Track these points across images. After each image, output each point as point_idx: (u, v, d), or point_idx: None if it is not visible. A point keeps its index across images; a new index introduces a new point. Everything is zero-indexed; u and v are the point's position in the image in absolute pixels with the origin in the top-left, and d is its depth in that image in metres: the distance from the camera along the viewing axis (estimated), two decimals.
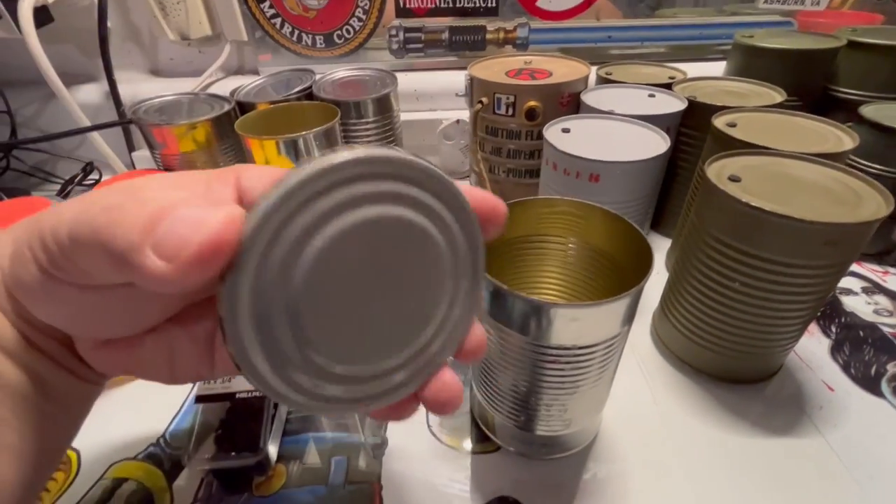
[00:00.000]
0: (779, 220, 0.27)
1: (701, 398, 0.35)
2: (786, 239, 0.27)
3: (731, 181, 0.31)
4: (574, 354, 0.24)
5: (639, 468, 0.31)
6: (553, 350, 0.24)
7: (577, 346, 0.23)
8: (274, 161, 0.44)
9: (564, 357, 0.24)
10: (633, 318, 0.25)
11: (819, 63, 0.49)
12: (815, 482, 0.30)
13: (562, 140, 0.39)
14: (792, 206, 0.27)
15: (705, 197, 0.31)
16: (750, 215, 0.28)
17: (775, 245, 0.28)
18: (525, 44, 0.63)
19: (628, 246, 0.27)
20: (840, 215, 0.27)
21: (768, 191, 0.30)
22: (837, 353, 0.38)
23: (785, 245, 0.28)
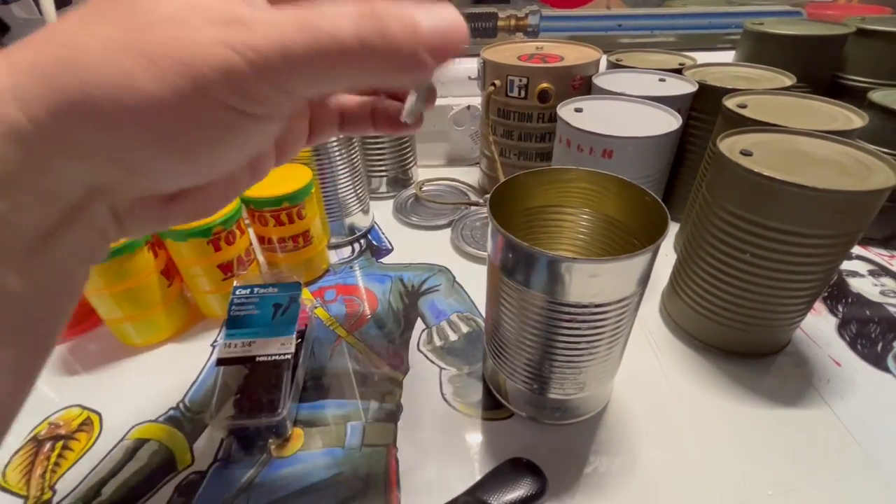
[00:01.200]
0: (791, 188, 0.27)
1: (710, 372, 0.36)
2: (798, 208, 0.28)
3: (744, 155, 0.32)
4: (591, 313, 0.24)
5: (649, 437, 0.32)
6: (571, 308, 0.24)
7: (595, 303, 0.24)
8: None
9: (581, 315, 0.25)
10: (647, 280, 0.25)
11: (828, 50, 0.50)
12: (823, 451, 0.30)
13: (575, 118, 0.39)
14: (803, 177, 0.28)
15: (717, 171, 0.32)
16: (762, 186, 0.28)
17: (787, 214, 0.28)
18: (536, 31, 0.63)
19: (642, 213, 0.28)
20: (850, 185, 0.27)
21: (779, 164, 0.30)
22: (844, 331, 0.39)
23: (797, 214, 0.28)
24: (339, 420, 0.33)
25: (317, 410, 0.34)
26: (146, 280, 0.37)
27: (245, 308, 0.34)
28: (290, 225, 0.42)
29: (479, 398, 0.34)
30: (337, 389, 0.36)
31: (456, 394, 0.35)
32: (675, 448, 0.31)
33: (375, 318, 0.42)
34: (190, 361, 0.38)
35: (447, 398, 0.35)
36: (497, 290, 0.27)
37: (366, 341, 0.40)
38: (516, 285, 0.25)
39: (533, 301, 0.25)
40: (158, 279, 0.38)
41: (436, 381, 0.36)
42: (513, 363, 0.30)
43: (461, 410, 0.34)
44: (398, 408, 0.34)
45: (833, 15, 0.64)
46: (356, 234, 0.52)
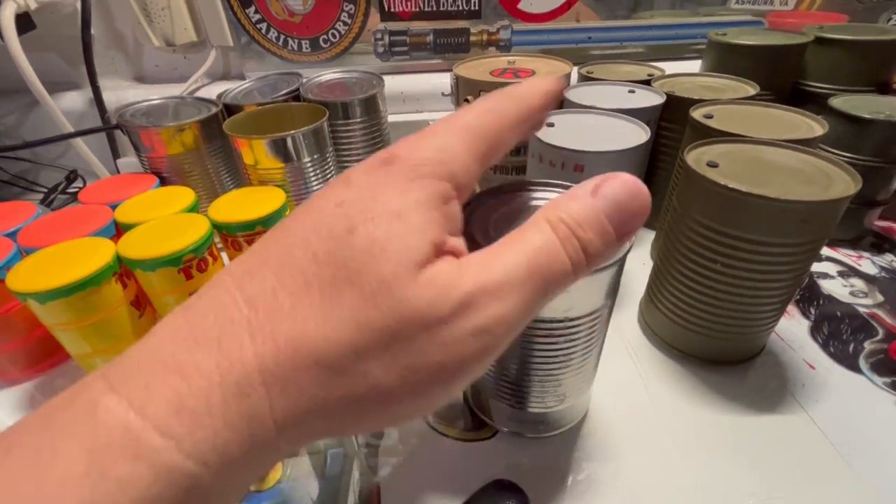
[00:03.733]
0: (756, 200, 0.28)
1: (688, 380, 0.36)
2: (763, 218, 0.28)
3: (710, 167, 0.32)
4: (566, 327, 0.25)
5: (630, 447, 0.32)
6: (546, 323, 0.24)
7: (568, 318, 0.24)
8: (263, 161, 0.44)
9: (557, 330, 0.25)
10: (616, 290, 0.26)
11: (788, 58, 0.51)
12: (799, 455, 0.31)
13: (546, 133, 0.40)
14: (767, 187, 0.28)
15: (686, 183, 0.33)
16: (729, 197, 0.29)
17: (753, 225, 0.29)
18: (508, 45, 0.64)
19: None
20: (812, 194, 0.28)
21: (745, 174, 0.31)
22: (817, 333, 0.40)
23: (762, 224, 0.29)
24: (319, 449, 0.33)
25: None
26: (115, 312, 0.36)
27: None
28: None
29: (461, 420, 0.34)
30: None
31: (439, 417, 0.35)
32: (656, 457, 0.31)
33: None
34: None
35: (429, 422, 0.34)
36: None
37: None
38: None
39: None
40: (128, 310, 0.37)
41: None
42: (493, 381, 0.29)
43: (444, 433, 0.33)
44: (380, 434, 0.33)
45: (794, 23, 0.66)
46: None
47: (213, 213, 0.40)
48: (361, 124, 0.54)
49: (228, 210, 0.41)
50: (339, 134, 0.54)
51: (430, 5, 0.61)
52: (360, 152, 0.56)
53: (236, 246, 0.40)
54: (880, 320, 0.40)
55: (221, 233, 0.40)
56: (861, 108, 0.44)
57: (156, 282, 0.36)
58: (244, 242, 0.40)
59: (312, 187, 0.47)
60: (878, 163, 0.45)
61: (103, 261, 0.34)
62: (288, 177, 0.45)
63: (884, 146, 0.44)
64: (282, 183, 0.45)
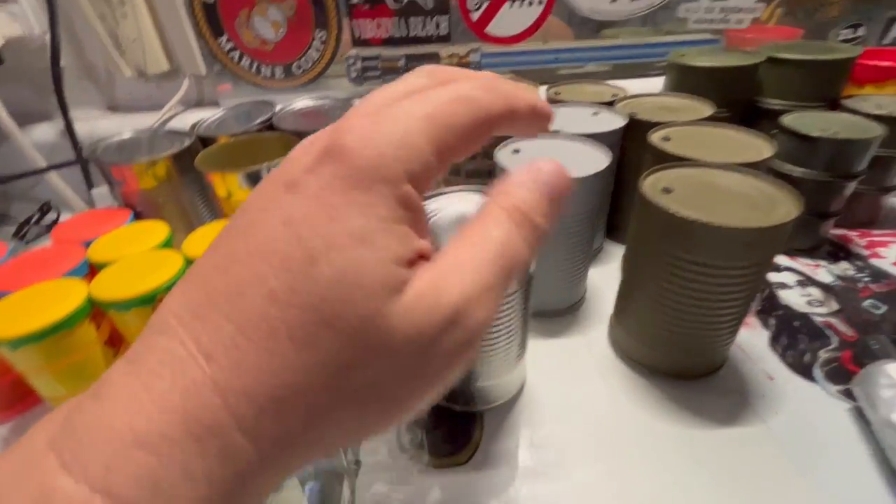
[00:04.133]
0: (702, 227, 0.29)
1: (652, 394, 0.37)
2: (710, 243, 0.30)
3: (665, 192, 0.34)
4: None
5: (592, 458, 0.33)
6: None
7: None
8: (237, 194, 0.45)
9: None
10: (526, 279, 0.30)
11: (743, 78, 0.54)
12: (755, 467, 0.32)
13: (513, 160, 0.41)
14: (715, 213, 0.30)
15: (641, 208, 0.34)
16: (679, 224, 0.31)
17: (702, 249, 0.31)
18: (479, 67, 0.66)
19: None
20: (756, 219, 0.30)
21: (696, 199, 0.33)
22: (776, 344, 0.41)
23: (710, 249, 0.30)
24: (295, 484, 0.33)
25: None
26: (89, 353, 0.36)
27: None
28: None
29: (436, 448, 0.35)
30: None
31: (413, 443, 0.35)
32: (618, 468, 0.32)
33: None
34: None
35: (404, 447, 0.35)
36: None
37: None
38: None
39: None
40: (103, 350, 0.37)
41: (394, 430, 0.36)
42: None
43: (419, 459, 0.34)
44: (358, 464, 0.34)
45: (752, 39, 0.69)
46: None
47: (186, 248, 0.40)
48: None
49: (203, 244, 0.41)
50: None
51: (401, 31, 0.62)
52: None
53: None
54: (835, 329, 0.42)
55: None
56: (810, 126, 0.47)
57: (130, 321, 0.36)
58: None
59: None
60: (829, 177, 0.47)
61: (75, 303, 0.34)
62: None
63: (832, 162, 0.46)
64: None
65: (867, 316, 0.44)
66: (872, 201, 0.55)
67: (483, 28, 0.63)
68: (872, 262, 0.50)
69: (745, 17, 0.65)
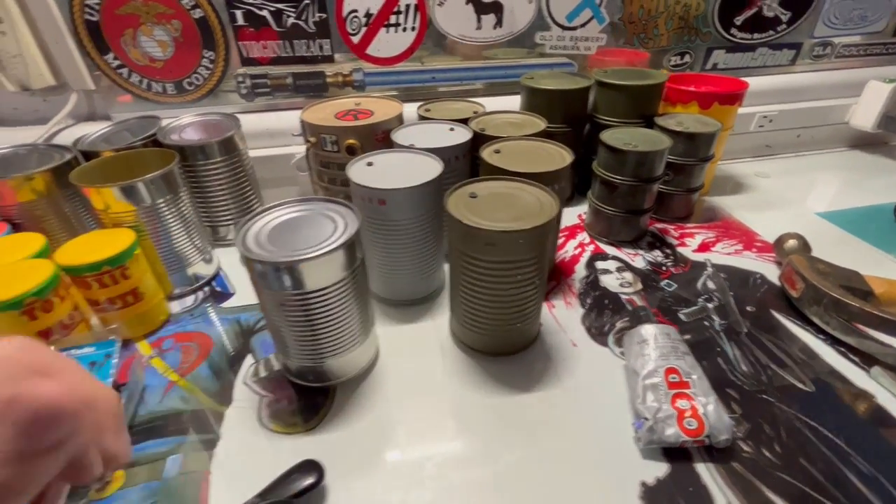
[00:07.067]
0: (478, 231, 0.37)
1: (475, 370, 0.45)
2: (488, 244, 0.38)
3: (472, 198, 0.42)
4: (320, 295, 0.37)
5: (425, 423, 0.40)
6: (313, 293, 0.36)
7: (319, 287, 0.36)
8: (114, 206, 0.48)
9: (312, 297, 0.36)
10: (352, 266, 0.38)
11: (577, 99, 0.64)
12: (550, 421, 0.40)
13: (363, 172, 0.48)
14: (497, 218, 0.38)
15: (447, 217, 0.41)
16: (465, 229, 0.38)
17: (483, 248, 0.38)
18: (363, 85, 0.72)
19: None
20: (524, 223, 0.38)
21: (489, 207, 0.41)
22: (586, 318, 0.51)
23: (488, 248, 0.38)
24: (159, 456, 0.38)
25: (140, 451, 0.38)
26: None
27: None
28: (115, 286, 0.45)
29: (291, 419, 0.41)
30: (163, 429, 0.40)
31: (272, 416, 0.41)
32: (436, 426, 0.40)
33: (208, 360, 0.47)
34: None
35: (263, 422, 0.41)
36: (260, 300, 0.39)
37: (196, 382, 0.44)
38: (272, 291, 0.37)
39: (283, 298, 0.37)
40: None
41: (255, 408, 0.42)
42: (288, 347, 0.40)
43: (275, 430, 0.40)
44: (217, 437, 0.39)
45: (608, 60, 0.80)
46: (199, 283, 0.57)
47: (59, 257, 0.44)
48: (222, 163, 0.59)
49: (76, 253, 0.45)
50: (201, 173, 0.59)
51: (286, 51, 0.67)
52: (224, 188, 0.61)
53: (85, 285, 0.44)
54: (633, 303, 0.53)
55: (70, 274, 0.44)
56: (618, 140, 0.57)
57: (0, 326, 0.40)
58: (93, 281, 0.44)
59: (168, 222, 0.51)
60: (635, 181, 0.58)
61: None
62: (142, 217, 0.50)
63: (636, 169, 0.57)
64: (136, 224, 0.49)
65: (660, 293, 0.54)
66: (684, 200, 0.67)
67: (364, 49, 0.70)
68: (679, 250, 0.62)
69: (592, 45, 0.76)
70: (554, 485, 0.36)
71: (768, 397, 0.42)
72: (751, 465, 0.36)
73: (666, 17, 0.75)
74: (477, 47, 0.73)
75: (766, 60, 0.83)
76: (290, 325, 0.39)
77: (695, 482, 0.35)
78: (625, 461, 0.37)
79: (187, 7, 0.62)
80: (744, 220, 0.68)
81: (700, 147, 0.62)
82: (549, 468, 0.37)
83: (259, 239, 0.37)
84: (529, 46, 0.75)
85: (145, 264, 0.49)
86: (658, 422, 0.36)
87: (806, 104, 0.85)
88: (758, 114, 0.82)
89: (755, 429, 0.39)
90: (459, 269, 0.42)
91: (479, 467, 0.37)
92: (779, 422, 0.39)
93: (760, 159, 0.87)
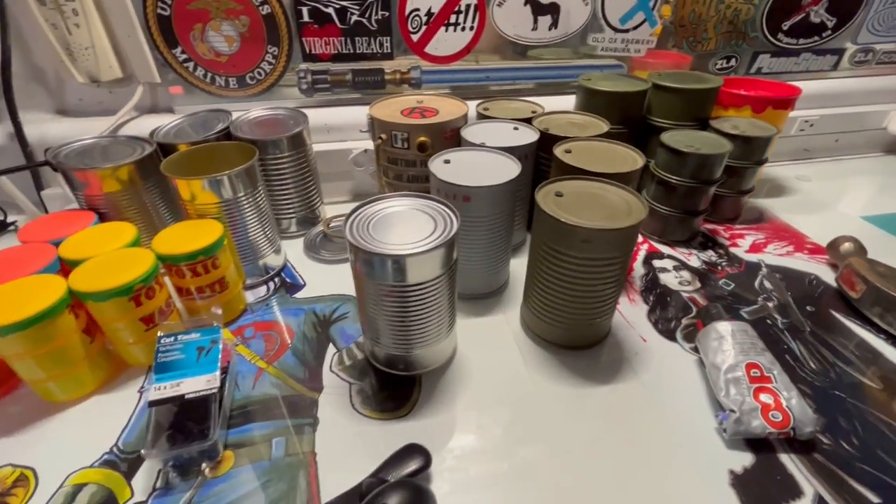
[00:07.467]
0: (573, 228, 0.39)
1: (551, 362, 0.47)
2: (580, 240, 0.40)
3: (557, 195, 0.44)
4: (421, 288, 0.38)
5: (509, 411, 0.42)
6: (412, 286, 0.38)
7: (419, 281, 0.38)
8: (200, 197, 0.50)
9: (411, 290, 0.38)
10: (449, 264, 0.39)
11: (634, 101, 0.65)
12: (631, 411, 0.42)
13: (443, 169, 0.49)
14: (587, 216, 0.40)
15: (536, 212, 0.43)
16: (559, 226, 0.40)
17: (575, 245, 0.40)
18: (419, 83, 0.74)
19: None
20: (615, 222, 0.39)
21: (578, 205, 0.42)
22: (651, 315, 0.53)
23: (580, 245, 0.40)
24: (264, 438, 0.40)
25: (244, 433, 0.40)
26: (68, 340, 0.40)
27: (171, 354, 0.40)
28: (206, 275, 0.47)
29: (382, 404, 0.43)
30: (261, 414, 0.42)
31: (363, 403, 0.43)
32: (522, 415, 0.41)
33: (292, 349, 0.48)
34: (118, 409, 0.42)
35: (356, 407, 0.43)
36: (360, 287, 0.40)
37: (284, 369, 0.46)
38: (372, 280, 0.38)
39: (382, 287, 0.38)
40: (81, 338, 0.41)
41: (346, 395, 0.44)
42: (379, 336, 0.42)
43: (368, 415, 0.42)
44: (316, 421, 0.41)
45: (651, 63, 0.82)
46: (270, 274, 0.58)
47: (156, 245, 0.45)
48: (290, 158, 0.61)
49: (171, 242, 0.46)
50: (270, 166, 0.60)
51: (347, 48, 0.69)
52: (289, 182, 0.62)
53: (180, 274, 0.46)
54: (696, 302, 0.55)
55: (166, 263, 0.46)
56: (680, 143, 0.59)
57: (107, 310, 0.41)
58: (187, 270, 0.46)
59: (246, 214, 0.53)
60: (694, 183, 0.59)
61: (57, 295, 0.39)
62: (223, 210, 0.51)
63: (696, 171, 0.58)
64: (218, 215, 0.51)
65: (719, 291, 0.56)
66: (734, 202, 0.69)
67: (423, 48, 0.71)
68: (731, 251, 0.64)
69: (643, 47, 0.77)
70: (646, 470, 0.37)
71: (840, 393, 0.43)
72: (832, 457, 0.38)
73: (716, 20, 0.77)
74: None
75: (808, 65, 0.85)
76: (386, 314, 0.40)
77: (781, 471, 0.37)
78: (710, 450, 0.39)
79: (256, 3, 0.63)
80: (791, 223, 0.70)
81: (755, 150, 0.63)
82: (639, 455, 0.39)
83: (361, 230, 0.39)
84: (577, 47, 0.76)
85: (229, 255, 0.50)
86: (744, 414, 0.38)
87: (845, 109, 0.86)
88: (799, 118, 0.84)
89: (832, 422, 0.41)
90: (544, 264, 0.44)
91: (570, 455, 0.39)
92: (853, 416, 0.41)
93: (798, 163, 0.89)
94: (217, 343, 0.41)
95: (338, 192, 0.75)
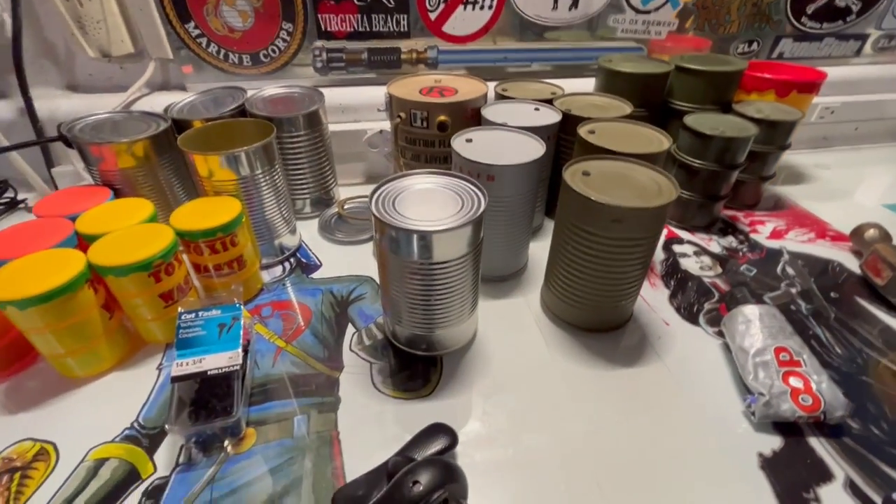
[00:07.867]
0: (603, 207, 0.38)
1: (573, 344, 0.46)
2: (609, 220, 0.39)
3: (584, 175, 0.43)
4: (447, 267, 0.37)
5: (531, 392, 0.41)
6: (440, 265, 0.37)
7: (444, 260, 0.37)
8: (218, 174, 0.49)
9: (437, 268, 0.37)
10: (475, 243, 0.38)
11: (657, 83, 0.64)
12: (656, 394, 0.42)
13: (465, 148, 0.48)
14: (616, 196, 0.39)
15: (563, 191, 0.42)
16: (588, 204, 0.39)
17: (604, 225, 0.39)
18: (435, 63, 0.72)
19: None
20: (644, 202, 0.38)
21: (606, 184, 0.41)
22: (673, 299, 0.52)
23: (610, 224, 0.39)
24: (286, 416, 0.39)
25: (266, 411, 0.40)
26: (88, 315, 0.40)
27: (192, 330, 0.39)
28: (224, 252, 0.46)
29: (403, 384, 0.42)
30: (282, 392, 0.41)
31: (384, 382, 0.42)
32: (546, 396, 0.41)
33: (311, 328, 0.48)
34: (137, 385, 0.42)
35: (378, 386, 0.42)
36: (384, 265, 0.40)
37: (303, 348, 0.46)
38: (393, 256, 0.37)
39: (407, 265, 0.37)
40: (100, 313, 0.41)
41: (367, 374, 0.43)
42: (402, 315, 0.41)
43: (390, 395, 0.41)
44: (337, 399, 0.41)
45: (670, 47, 0.80)
46: (286, 254, 0.58)
47: (175, 221, 0.45)
48: (305, 137, 0.60)
49: (189, 219, 0.45)
50: (286, 145, 0.59)
51: (364, 26, 0.67)
52: (304, 162, 0.61)
53: (198, 251, 0.45)
54: (717, 287, 0.54)
55: (184, 239, 0.45)
56: (704, 125, 0.58)
57: (127, 285, 0.41)
58: (206, 247, 0.45)
59: (263, 192, 0.52)
60: (718, 167, 0.58)
61: (77, 269, 0.38)
62: (241, 187, 0.50)
63: (720, 155, 0.57)
64: (235, 192, 0.50)
65: (741, 277, 0.55)
66: (755, 187, 0.68)
67: (440, 27, 0.69)
68: (752, 237, 0.63)
69: (663, 29, 0.76)
70: (674, 451, 0.37)
71: (867, 378, 0.43)
72: (862, 441, 0.38)
73: (740, 2, 0.75)
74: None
75: (831, 51, 0.83)
76: (410, 293, 0.39)
77: (811, 455, 0.37)
78: (738, 433, 0.38)
79: None
80: (811, 210, 0.69)
81: (779, 135, 0.62)
82: (667, 435, 0.38)
83: (388, 206, 0.38)
84: (594, 30, 0.74)
85: (247, 234, 0.49)
86: (773, 397, 0.38)
87: (867, 97, 0.85)
88: (820, 105, 0.82)
89: (860, 407, 0.40)
90: (570, 245, 0.43)
91: (598, 437, 0.38)
92: (881, 401, 0.41)
93: (816, 150, 0.88)
94: (238, 320, 0.40)
95: (351, 174, 0.74)
